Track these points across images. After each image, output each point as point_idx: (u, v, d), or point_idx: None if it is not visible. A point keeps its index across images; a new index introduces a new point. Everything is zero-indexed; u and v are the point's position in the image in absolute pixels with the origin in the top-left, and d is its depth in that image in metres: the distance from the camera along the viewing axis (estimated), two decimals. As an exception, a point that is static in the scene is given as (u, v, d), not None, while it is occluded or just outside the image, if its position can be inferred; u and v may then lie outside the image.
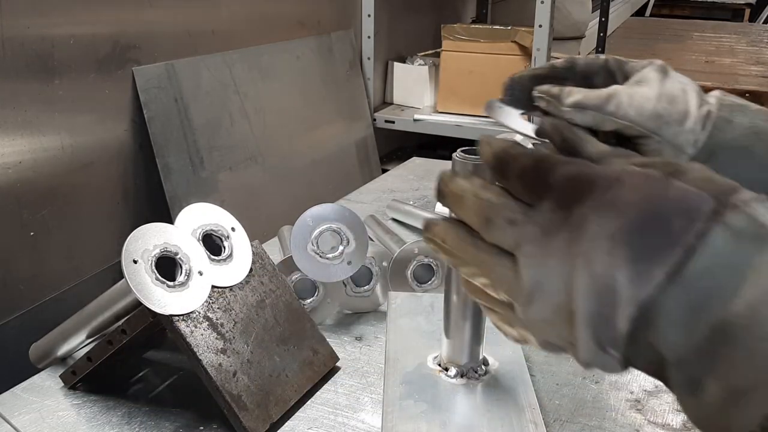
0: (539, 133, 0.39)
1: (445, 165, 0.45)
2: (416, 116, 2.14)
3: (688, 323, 0.30)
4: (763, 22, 5.57)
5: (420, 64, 2.27)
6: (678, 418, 0.59)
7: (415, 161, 1.37)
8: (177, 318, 0.56)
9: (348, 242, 0.71)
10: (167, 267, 0.57)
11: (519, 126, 0.47)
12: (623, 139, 0.46)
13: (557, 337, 0.35)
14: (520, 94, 0.47)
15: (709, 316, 0.30)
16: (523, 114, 0.47)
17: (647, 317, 0.31)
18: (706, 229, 0.30)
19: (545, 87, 0.45)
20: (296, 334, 0.64)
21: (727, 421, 0.29)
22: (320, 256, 0.71)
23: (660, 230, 0.31)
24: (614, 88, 0.45)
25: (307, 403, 0.62)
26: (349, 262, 0.71)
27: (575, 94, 0.44)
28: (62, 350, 0.66)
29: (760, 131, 0.44)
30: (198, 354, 0.56)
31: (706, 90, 0.47)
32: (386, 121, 2.19)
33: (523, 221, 0.34)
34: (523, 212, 0.34)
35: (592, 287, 0.32)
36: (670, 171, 0.32)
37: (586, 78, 0.50)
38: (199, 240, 0.60)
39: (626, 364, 0.34)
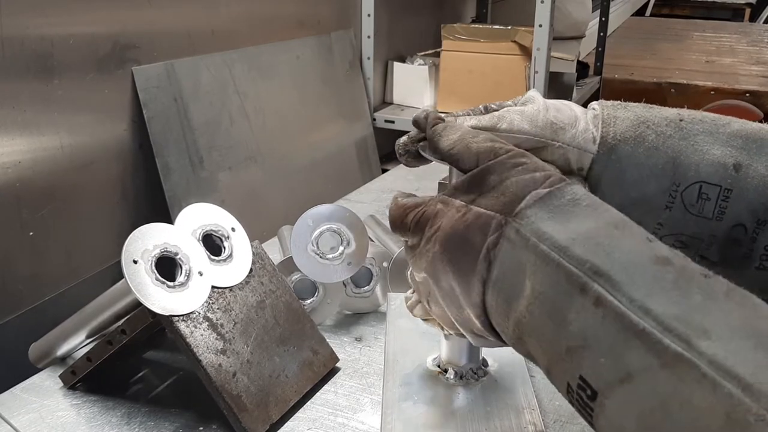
0: (414, 123, 0.48)
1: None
2: (416, 116, 2.14)
3: (505, 317, 0.38)
4: (764, 22, 5.57)
5: (420, 64, 2.27)
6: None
7: (415, 161, 1.36)
8: (177, 318, 0.55)
9: (348, 243, 0.71)
10: (167, 267, 0.57)
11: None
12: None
13: (457, 330, 0.45)
14: (415, 153, 0.50)
15: (511, 313, 0.38)
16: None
17: (486, 314, 0.40)
18: (497, 242, 0.38)
19: (440, 117, 0.48)
20: (296, 335, 0.64)
21: (557, 388, 0.37)
22: (320, 257, 0.71)
23: (466, 247, 0.39)
24: (504, 109, 0.48)
25: (307, 403, 0.62)
26: (349, 263, 0.71)
27: (470, 120, 0.47)
28: (62, 350, 0.66)
29: (644, 119, 0.47)
30: (198, 354, 0.55)
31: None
32: (386, 121, 2.18)
33: (408, 257, 0.46)
34: (407, 250, 0.46)
35: (443, 297, 0.42)
36: (472, 198, 0.40)
37: None
38: (199, 240, 0.60)
39: (504, 343, 0.42)
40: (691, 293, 0.31)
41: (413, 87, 2.26)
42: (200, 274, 0.58)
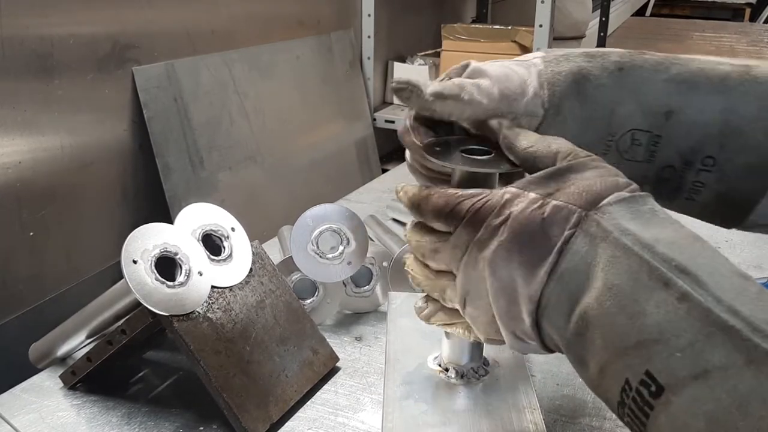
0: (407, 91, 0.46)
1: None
2: (416, 116, 2.14)
3: (566, 313, 0.38)
4: (764, 22, 5.57)
5: (420, 64, 2.27)
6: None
7: (415, 161, 1.36)
8: (177, 318, 0.55)
9: (348, 242, 0.71)
10: (167, 267, 0.57)
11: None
12: (479, 123, 0.49)
13: (495, 333, 0.44)
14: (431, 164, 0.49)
15: (575, 306, 0.37)
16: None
17: (540, 310, 0.39)
18: (571, 235, 0.38)
19: (404, 79, 0.47)
20: (296, 335, 0.64)
21: (604, 391, 0.36)
22: (320, 257, 0.71)
23: (540, 238, 0.39)
24: (462, 81, 0.47)
25: (307, 403, 0.62)
26: (349, 263, 0.71)
27: (434, 84, 0.47)
28: (62, 350, 0.66)
29: (585, 72, 0.48)
30: (197, 354, 0.55)
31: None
32: (386, 121, 2.19)
33: (443, 248, 0.44)
34: (441, 240, 0.44)
35: (499, 289, 0.41)
36: (550, 192, 0.40)
37: None
38: (198, 240, 0.60)
39: (544, 347, 0.42)
40: None
41: (413, 87, 2.26)
42: (200, 273, 0.58)
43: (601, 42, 2.89)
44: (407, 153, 0.51)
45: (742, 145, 0.46)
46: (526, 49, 2.02)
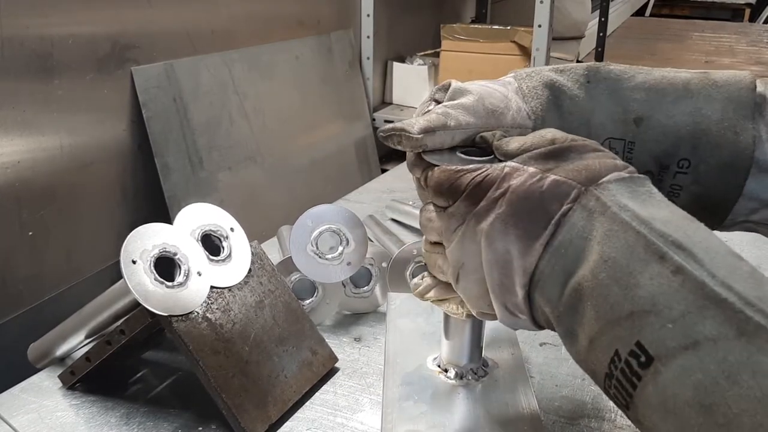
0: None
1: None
2: (416, 116, 2.14)
3: (559, 286, 0.38)
4: (763, 22, 5.58)
5: (419, 64, 2.27)
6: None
7: (415, 161, 1.36)
8: (176, 318, 0.55)
9: (347, 243, 0.71)
10: (166, 267, 0.57)
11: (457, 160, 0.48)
12: (471, 142, 0.49)
13: (487, 307, 0.45)
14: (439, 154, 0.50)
15: (570, 279, 0.38)
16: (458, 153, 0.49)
17: (534, 283, 0.40)
18: (569, 209, 0.39)
19: (389, 126, 0.48)
20: (295, 335, 0.64)
21: (592, 364, 0.37)
22: (319, 257, 0.71)
23: (538, 211, 0.39)
24: (445, 109, 0.47)
25: (306, 403, 0.62)
26: (349, 263, 0.71)
27: (419, 122, 0.47)
28: (61, 350, 0.66)
29: (559, 85, 0.49)
30: (196, 355, 0.55)
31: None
32: (386, 121, 2.19)
33: (437, 218, 0.45)
34: (437, 211, 0.45)
35: (494, 261, 0.42)
36: (549, 168, 0.40)
37: None
38: (198, 240, 0.60)
39: (534, 323, 0.43)
40: None
41: (413, 87, 2.26)
42: (199, 274, 0.58)
43: (601, 42, 2.89)
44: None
45: (714, 145, 0.47)
46: (525, 50, 2.02)
